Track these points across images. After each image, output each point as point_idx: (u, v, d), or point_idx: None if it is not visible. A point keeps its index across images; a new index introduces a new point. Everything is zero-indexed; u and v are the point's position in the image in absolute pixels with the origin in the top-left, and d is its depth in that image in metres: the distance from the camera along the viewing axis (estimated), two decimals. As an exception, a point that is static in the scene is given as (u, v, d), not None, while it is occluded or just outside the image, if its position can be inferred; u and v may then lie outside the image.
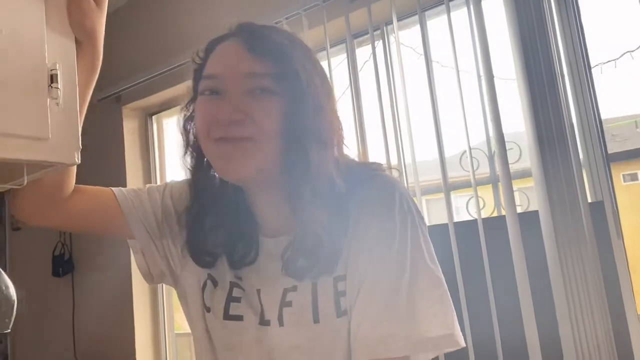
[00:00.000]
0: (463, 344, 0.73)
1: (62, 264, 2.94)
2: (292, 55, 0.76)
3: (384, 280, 0.71)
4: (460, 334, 0.74)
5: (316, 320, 0.73)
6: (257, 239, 0.81)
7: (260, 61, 0.75)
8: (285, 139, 0.74)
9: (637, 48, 1.81)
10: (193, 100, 0.82)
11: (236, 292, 0.79)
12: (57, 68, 0.72)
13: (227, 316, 0.78)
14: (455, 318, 0.74)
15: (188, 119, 0.83)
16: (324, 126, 0.76)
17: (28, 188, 0.76)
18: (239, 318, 0.77)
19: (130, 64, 2.71)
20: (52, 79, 0.71)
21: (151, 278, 0.89)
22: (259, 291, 0.78)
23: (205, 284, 0.82)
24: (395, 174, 0.82)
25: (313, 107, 0.75)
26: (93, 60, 0.79)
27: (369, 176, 0.79)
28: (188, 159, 0.83)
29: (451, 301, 0.75)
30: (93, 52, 0.78)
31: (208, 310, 0.81)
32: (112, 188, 0.88)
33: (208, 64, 0.80)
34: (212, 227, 0.81)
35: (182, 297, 0.87)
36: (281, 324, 0.75)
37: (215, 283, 0.81)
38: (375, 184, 0.77)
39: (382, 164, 0.83)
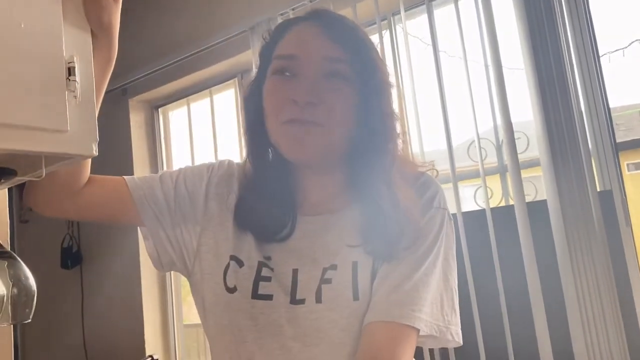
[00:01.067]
0: (461, 343, 0.77)
1: (71, 256, 2.96)
2: (366, 45, 0.78)
3: (407, 263, 0.75)
4: (460, 334, 0.78)
5: (356, 298, 0.74)
6: (294, 216, 0.81)
7: (338, 47, 0.75)
8: (354, 127, 0.76)
9: (646, 36, 1.80)
10: (258, 80, 0.82)
11: (265, 272, 0.78)
12: (75, 61, 0.72)
13: (255, 295, 0.77)
14: (458, 320, 0.79)
15: (249, 98, 0.83)
16: (392, 117, 0.80)
17: (45, 181, 0.76)
18: (269, 297, 0.76)
19: (136, 56, 2.71)
20: (70, 71, 0.71)
21: (161, 266, 0.88)
22: (295, 271, 0.77)
23: (228, 266, 0.80)
24: (434, 174, 0.84)
25: (385, 99, 0.79)
26: (109, 52, 0.79)
27: (419, 172, 0.83)
28: (246, 138, 0.84)
29: (457, 296, 0.79)
30: (109, 45, 0.79)
31: (232, 290, 0.79)
32: (125, 177, 0.88)
33: (283, 44, 0.79)
34: (256, 201, 0.81)
35: (197, 285, 0.85)
36: (319, 300, 0.74)
37: (240, 263, 0.79)
38: (424, 181, 0.81)
39: (429, 163, 0.88)
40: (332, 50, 0.75)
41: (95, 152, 0.74)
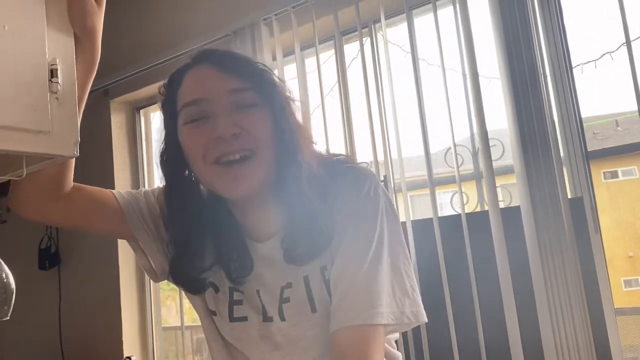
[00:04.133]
0: (425, 320, 0.80)
1: (49, 257, 2.93)
2: (259, 69, 0.83)
3: (352, 260, 0.77)
4: (423, 310, 0.81)
5: (314, 310, 0.79)
6: (248, 249, 0.84)
7: (236, 78, 0.79)
8: (277, 146, 0.79)
9: (617, 49, 1.86)
10: (170, 134, 0.84)
11: (237, 296, 0.84)
12: (57, 63, 0.74)
13: (232, 319, 0.83)
14: (416, 295, 0.80)
15: (166, 154, 0.85)
16: (304, 127, 0.84)
17: (26, 181, 0.78)
18: (244, 319, 0.83)
19: (118, 58, 2.71)
20: (52, 73, 0.73)
21: (156, 276, 0.92)
22: (258, 291, 0.83)
23: (207, 287, 0.86)
24: (364, 165, 0.86)
25: (291, 112, 0.82)
26: (92, 55, 0.81)
27: (345, 168, 0.84)
28: (171, 194, 0.85)
29: (411, 277, 0.81)
30: (92, 48, 0.81)
31: (214, 313, 0.86)
32: (111, 190, 0.91)
33: (184, 92, 0.81)
34: (198, 250, 0.83)
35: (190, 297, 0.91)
36: (282, 319, 0.81)
37: (216, 289, 0.85)
38: (349, 175, 0.82)
39: (350, 156, 0.90)
40: (231, 83, 0.78)
41: (76, 153, 0.76)
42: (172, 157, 0.84)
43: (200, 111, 0.79)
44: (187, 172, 0.84)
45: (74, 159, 0.77)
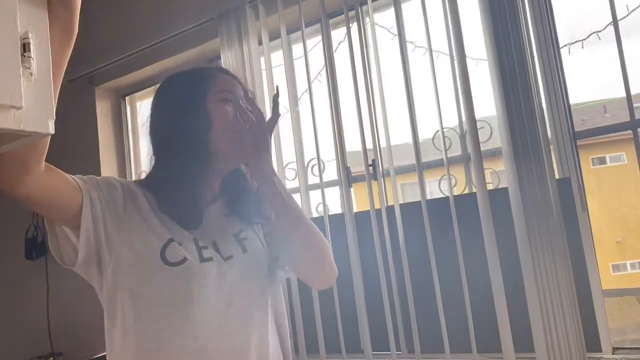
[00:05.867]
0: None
1: (35, 247, 2.90)
2: (250, 91, 1.17)
3: None
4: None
5: (263, 245, 1.11)
6: (202, 207, 1.06)
7: (244, 90, 1.12)
8: None
9: (604, 28, 1.86)
10: (197, 103, 1.06)
11: (201, 243, 1.02)
12: (30, 37, 0.71)
13: (202, 259, 1.00)
14: None
15: (192, 114, 1.06)
16: None
17: (3, 156, 0.77)
18: (210, 259, 1.01)
19: (103, 44, 2.67)
20: (25, 47, 0.71)
21: (73, 260, 0.99)
22: (214, 242, 1.05)
23: (166, 245, 0.98)
24: None
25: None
26: (70, 30, 0.79)
27: None
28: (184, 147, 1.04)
29: None
30: (71, 22, 0.78)
31: (181, 262, 0.98)
32: (72, 176, 0.96)
33: (221, 83, 1.09)
34: (182, 196, 1.04)
35: (118, 270, 0.99)
36: (245, 251, 1.06)
37: (180, 242, 1.00)
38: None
39: None
40: (242, 91, 1.10)
41: (51, 130, 0.74)
42: (196, 119, 1.03)
43: (233, 99, 1.06)
44: (202, 134, 1.03)
45: (49, 137, 0.76)
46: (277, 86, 1.09)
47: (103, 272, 1.01)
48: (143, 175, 1.12)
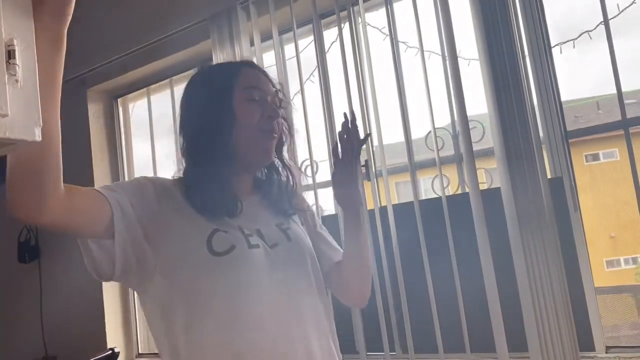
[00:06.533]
0: None
1: (28, 250, 2.89)
2: (281, 87, 1.17)
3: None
4: None
5: (305, 236, 1.14)
6: (238, 197, 1.07)
7: (274, 87, 1.13)
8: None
9: (595, 28, 1.86)
10: (222, 98, 1.07)
11: (246, 231, 1.02)
12: (15, 44, 0.71)
13: (250, 246, 1.00)
14: None
15: (218, 111, 1.08)
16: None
17: (17, 185, 0.78)
18: (257, 246, 1.01)
19: (95, 45, 2.66)
20: (10, 54, 0.70)
21: (113, 272, 0.95)
22: (258, 230, 1.05)
23: (212, 235, 0.98)
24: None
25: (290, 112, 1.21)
26: (61, 37, 0.79)
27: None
28: (214, 142, 1.06)
29: None
30: (60, 30, 0.78)
31: (229, 250, 0.97)
32: (96, 189, 0.94)
33: (245, 79, 1.09)
34: (216, 189, 1.05)
35: (168, 266, 0.96)
36: (289, 239, 1.08)
37: (225, 231, 1.00)
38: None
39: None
40: (273, 88, 1.11)
41: (38, 137, 0.73)
42: (226, 121, 1.04)
43: (258, 95, 1.07)
44: (226, 132, 1.05)
45: (59, 158, 0.79)
46: (352, 112, 1.12)
47: (149, 277, 0.97)
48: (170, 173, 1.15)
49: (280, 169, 1.16)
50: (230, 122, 1.04)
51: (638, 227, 1.75)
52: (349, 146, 1.09)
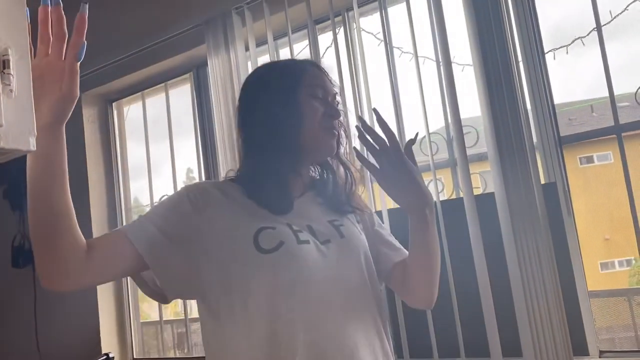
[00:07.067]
0: None
1: (22, 255, 2.88)
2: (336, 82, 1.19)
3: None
4: None
5: (360, 233, 1.08)
6: (292, 195, 1.06)
7: (334, 88, 1.11)
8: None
9: (588, 34, 1.87)
10: (287, 96, 1.07)
11: (296, 227, 0.99)
12: (10, 54, 0.71)
13: (299, 242, 0.97)
14: None
15: (284, 108, 1.07)
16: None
17: (39, 262, 0.84)
18: (307, 242, 0.98)
19: (90, 49, 2.65)
20: (4, 64, 0.70)
21: (174, 294, 0.98)
22: (309, 226, 1.02)
23: (259, 232, 0.96)
24: None
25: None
26: (56, 126, 0.88)
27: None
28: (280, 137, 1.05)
29: None
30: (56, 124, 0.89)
31: (277, 247, 0.95)
32: (119, 229, 0.96)
33: (311, 78, 1.09)
34: (272, 184, 1.04)
35: (224, 270, 0.96)
36: (342, 236, 1.03)
37: (273, 228, 0.97)
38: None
39: None
40: (334, 89, 1.11)
41: (33, 147, 0.73)
42: (289, 113, 1.04)
43: (322, 93, 1.07)
44: (293, 128, 1.04)
45: (73, 229, 0.84)
46: (417, 133, 1.08)
47: (209, 288, 0.97)
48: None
49: (336, 168, 1.13)
50: (298, 118, 1.03)
51: (632, 230, 1.76)
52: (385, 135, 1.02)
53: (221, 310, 0.96)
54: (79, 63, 0.84)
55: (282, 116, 1.04)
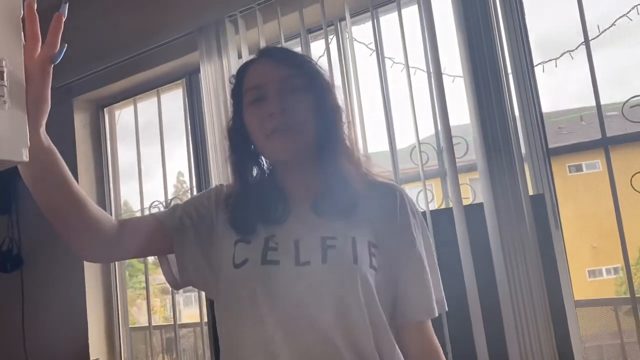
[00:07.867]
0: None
1: (10, 259, 2.86)
2: (307, 60, 1.02)
3: (420, 263, 1.01)
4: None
5: (355, 262, 0.90)
6: (286, 204, 0.99)
7: (288, 67, 0.97)
8: (317, 122, 0.96)
9: (576, 48, 1.90)
10: (237, 114, 1.03)
11: (272, 244, 0.93)
12: (4, 65, 0.71)
13: (265, 262, 0.91)
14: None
15: (232, 129, 1.04)
16: (338, 109, 1.01)
17: (80, 234, 0.89)
18: (276, 263, 0.91)
19: (82, 54, 2.65)
20: (-1, 76, 0.71)
21: (186, 279, 1.00)
22: (296, 241, 0.93)
23: (235, 245, 0.95)
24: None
25: (331, 95, 1.00)
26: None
27: (374, 171, 1.05)
28: (233, 158, 1.02)
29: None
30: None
31: (243, 263, 0.92)
32: (151, 213, 1.03)
33: (249, 79, 0.99)
34: (250, 203, 0.98)
35: (220, 276, 0.97)
36: (324, 262, 0.89)
37: (248, 242, 0.94)
38: (396, 188, 1.03)
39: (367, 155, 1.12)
40: (284, 71, 0.97)
41: (25, 158, 0.74)
42: (238, 134, 1.01)
43: (259, 94, 0.96)
44: (252, 146, 1.01)
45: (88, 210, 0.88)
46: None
47: (214, 285, 1.00)
48: None
49: (340, 159, 0.98)
50: (245, 133, 0.99)
51: (618, 238, 1.79)
52: None
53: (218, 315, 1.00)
54: (52, 65, 0.79)
55: (236, 131, 1.02)
